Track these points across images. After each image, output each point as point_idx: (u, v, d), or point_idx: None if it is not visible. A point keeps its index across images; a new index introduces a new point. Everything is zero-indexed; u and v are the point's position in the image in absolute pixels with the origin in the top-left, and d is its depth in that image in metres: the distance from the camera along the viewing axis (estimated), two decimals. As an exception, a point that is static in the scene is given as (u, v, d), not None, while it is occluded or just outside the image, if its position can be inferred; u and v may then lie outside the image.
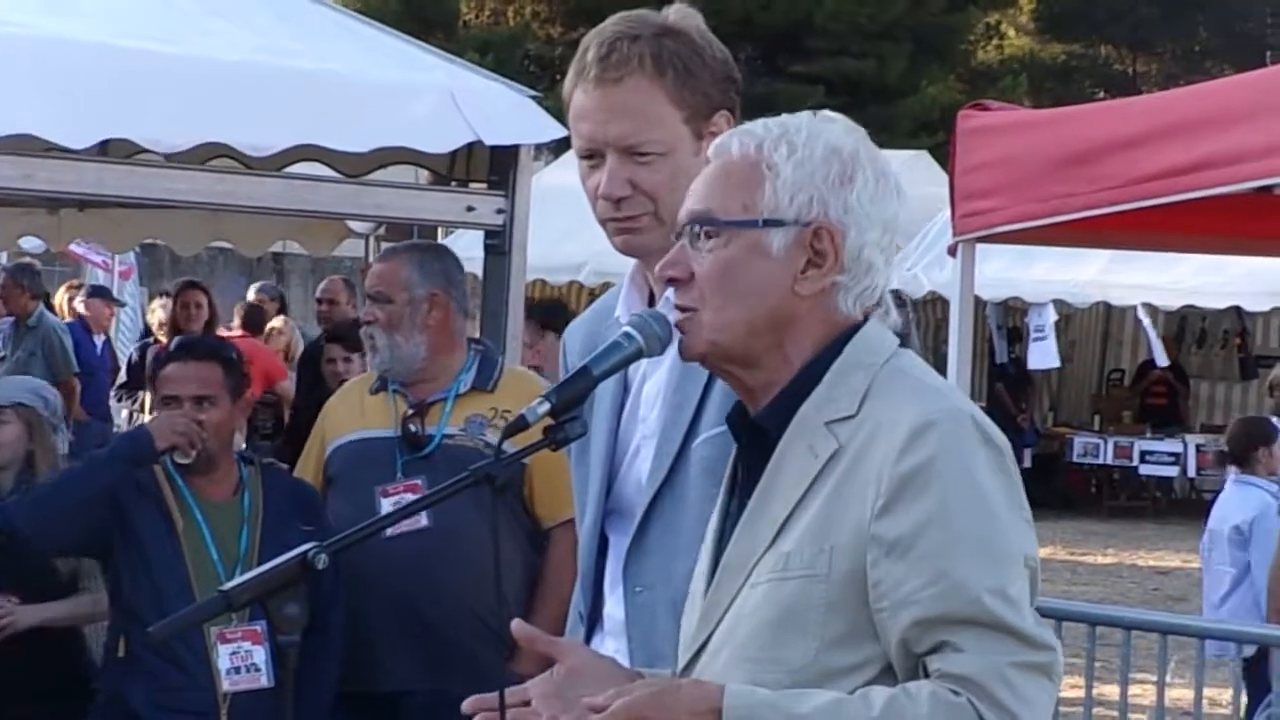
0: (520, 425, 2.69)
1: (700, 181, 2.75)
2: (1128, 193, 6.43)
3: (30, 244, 11.99)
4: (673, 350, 2.92)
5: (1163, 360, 18.78)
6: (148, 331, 15.25)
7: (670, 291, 3.11)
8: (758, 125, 2.73)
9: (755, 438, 2.69)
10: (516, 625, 2.70)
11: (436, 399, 5.58)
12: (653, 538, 3.06)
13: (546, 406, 2.71)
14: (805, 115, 2.74)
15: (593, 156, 3.18)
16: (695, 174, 3.11)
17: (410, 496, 5.38)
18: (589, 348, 3.06)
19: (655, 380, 3.17)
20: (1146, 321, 18.29)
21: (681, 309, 2.71)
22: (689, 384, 3.11)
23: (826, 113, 2.76)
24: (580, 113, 3.18)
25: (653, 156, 3.14)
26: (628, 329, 2.83)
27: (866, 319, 2.71)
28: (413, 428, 5.54)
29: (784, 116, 2.74)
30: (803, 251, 2.65)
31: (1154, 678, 7.27)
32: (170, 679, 5.31)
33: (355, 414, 5.74)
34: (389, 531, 4.55)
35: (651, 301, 3.21)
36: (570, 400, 2.74)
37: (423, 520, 5.31)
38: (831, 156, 2.67)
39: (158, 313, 14.43)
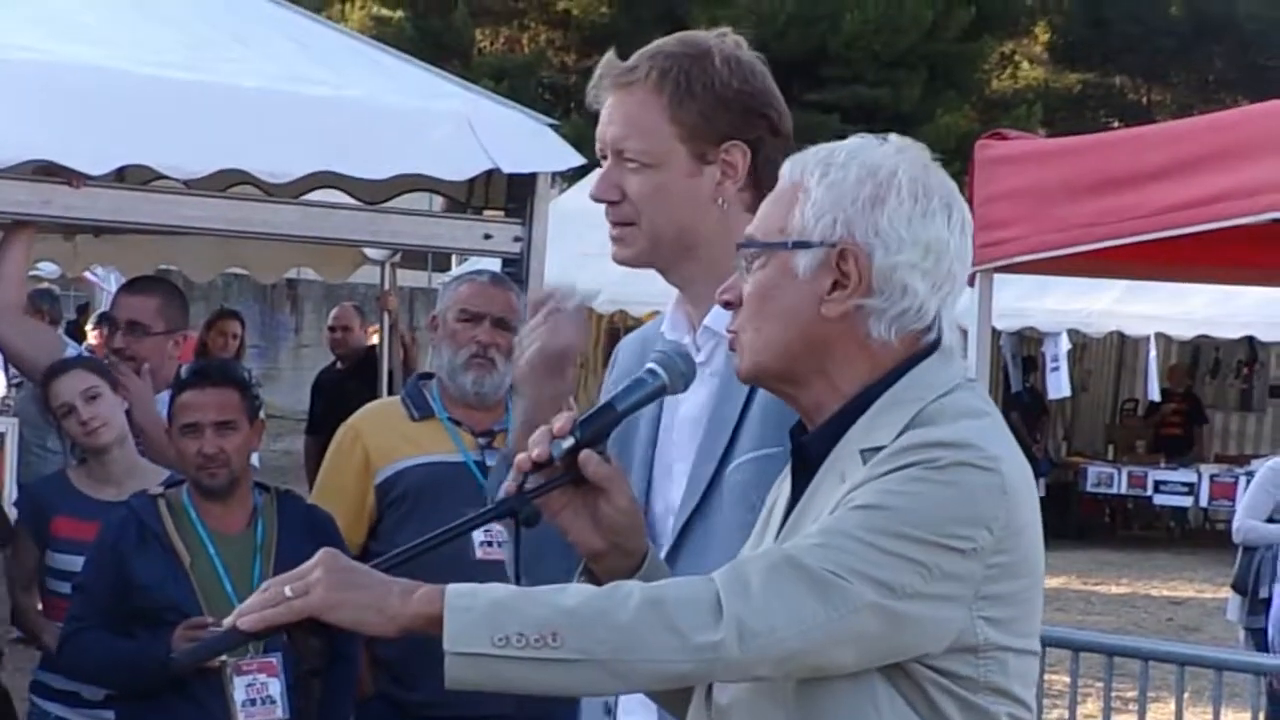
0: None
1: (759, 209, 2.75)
2: (1148, 223, 6.42)
3: (46, 269, 11.99)
4: (708, 377, 2.93)
5: (1155, 394, 18.84)
6: None
7: (709, 320, 3.12)
8: (810, 150, 2.70)
9: (801, 459, 2.67)
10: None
11: (501, 428, 5.61)
12: (683, 563, 3.03)
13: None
14: (859, 138, 2.70)
15: (603, 160, 3.23)
16: (688, 196, 3.15)
17: None
18: (642, 360, 3.03)
19: (690, 407, 3.15)
20: (1152, 355, 18.32)
21: (732, 331, 2.70)
22: (725, 410, 3.09)
23: (893, 136, 2.70)
24: (600, 117, 3.23)
25: (637, 164, 3.15)
26: (652, 365, 2.81)
27: (932, 350, 2.64)
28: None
29: (846, 140, 2.70)
30: (829, 273, 2.60)
31: (1169, 708, 7.25)
32: (185, 712, 5.29)
33: (401, 440, 5.69)
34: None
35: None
36: (594, 436, 2.73)
37: None
38: (866, 177, 2.61)
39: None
